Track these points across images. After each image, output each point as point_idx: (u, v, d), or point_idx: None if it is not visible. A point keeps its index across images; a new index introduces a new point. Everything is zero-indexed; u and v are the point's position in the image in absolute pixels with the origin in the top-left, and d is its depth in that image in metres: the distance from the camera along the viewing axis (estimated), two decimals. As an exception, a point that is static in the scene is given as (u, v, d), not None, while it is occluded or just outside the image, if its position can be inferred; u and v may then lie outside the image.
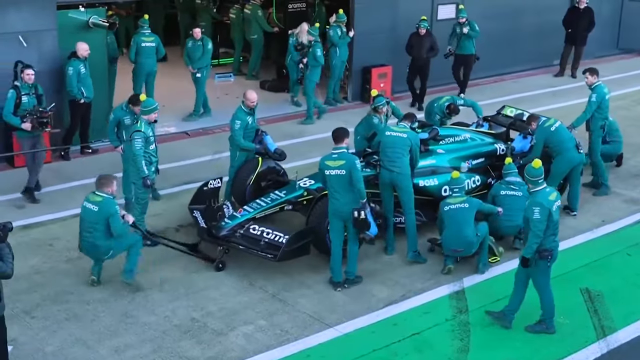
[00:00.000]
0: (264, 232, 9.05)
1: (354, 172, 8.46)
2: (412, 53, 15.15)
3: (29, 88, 10.75)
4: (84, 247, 8.55)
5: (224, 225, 9.19)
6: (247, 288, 8.78)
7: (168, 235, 9.82)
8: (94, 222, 8.37)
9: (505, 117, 12.00)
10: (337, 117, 14.54)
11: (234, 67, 17.57)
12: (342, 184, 8.52)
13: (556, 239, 7.83)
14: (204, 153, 12.58)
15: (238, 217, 9.30)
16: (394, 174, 9.26)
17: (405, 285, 8.93)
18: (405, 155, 9.32)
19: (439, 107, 12.13)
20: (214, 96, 15.92)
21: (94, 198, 8.44)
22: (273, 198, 9.59)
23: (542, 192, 7.79)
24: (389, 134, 9.48)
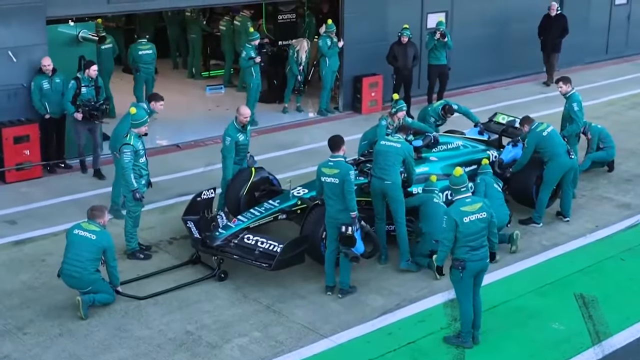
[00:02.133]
0: (258, 242, 9.04)
1: (346, 184, 8.47)
2: (396, 63, 15.15)
3: (89, 80, 11.63)
4: (66, 275, 8.27)
5: (218, 235, 9.18)
6: (241, 300, 8.76)
7: (162, 248, 9.80)
8: (88, 250, 8.21)
9: (497, 124, 12.04)
10: (328, 128, 14.55)
11: (225, 78, 17.59)
12: (335, 192, 8.54)
13: (474, 251, 7.59)
14: (196, 165, 12.56)
15: (232, 227, 9.29)
16: (384, 183, 9.27)
17: (400, 294, 8.93)
18: (396, 165, 9.32)
19: (434, 110, 12.10)
20: (205, 108, 15.95)
21: (90, 227, 8.32)
22: (267, 207, 9.59)
23: (459, 201, 7.66)
24: (383, 143, 9.51)
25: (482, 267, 7.80)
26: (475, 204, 7.73)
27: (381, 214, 9.45)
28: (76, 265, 8.22)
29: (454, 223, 7.60)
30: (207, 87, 17.14)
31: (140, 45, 14.71)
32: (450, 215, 7.64)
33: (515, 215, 10.50)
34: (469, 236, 7.63)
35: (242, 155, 10.28)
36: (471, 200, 7.75)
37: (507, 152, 11.04)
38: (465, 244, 7.64)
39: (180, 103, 15.79)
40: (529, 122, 10.65)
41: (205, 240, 9.20)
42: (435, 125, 11.99)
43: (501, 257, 9.64)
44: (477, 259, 7.70)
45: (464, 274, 7.67)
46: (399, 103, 10.86)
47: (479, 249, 7.69)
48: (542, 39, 17.56)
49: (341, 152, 8.67)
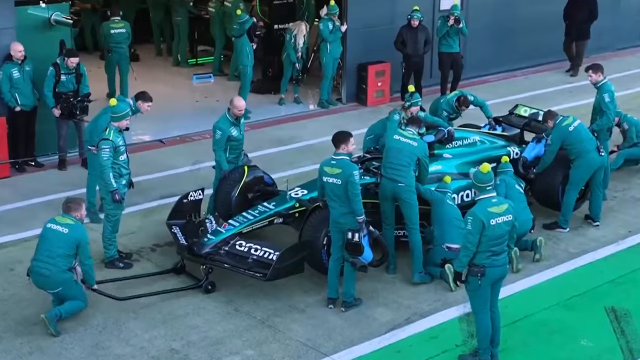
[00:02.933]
0: (251, 249, 9.03)
1: (350, 185, 8.43)
2: (406, 49, 15.15)
3: (69, 68, 11.70)
4: (35, 273, 8.26)
5: (207, 241, 9.17)
6: (232, 314, 8.75)
7: (143, 256, 9.79)
8: (59, 245, 8.23)
9: (518, 117, 12.02)
10: (329, 122, 14.56)
11: (214, 66, 17.59)
12: (338, 194, 8.52)
13: (495, 256, 7.59)
14: (182, 163, 12.56)
15: (222, 232, 9.28)
16: (396, 185, 9.20)
17: (410, 307, 8.92)
18: (411, 166, 9.27)
19: (447, 103, 12.08)
20: (192, 99, 15.95)
21: (64, 220, 8.34)
22: (261, 210, 9.58)
23: (485, 201, 7.64)
24: (398, 139, 9.40)
25: (502, 274, 7.79)
26: (502, 205, 7.71)
27: (390, 219, 9.43)
28: (46, 262, 8.21)
29: (480, 225, 7.54)
30: (195, 76, 17.14)
31: (112, 24, 14.83)
32: (477, 216, 7.58)
33: (538, 220, 10.49)
34: (493, 240, 7.59)
35: (237, 152, 10.25)
36: (497, 201, 7.73)
37: (530, 149, 11.01)
38: (488, 249, 7.59)
39: (165, 94, 15.76)
40: (553, 116, 10.64)
41: (193, 247, 9.19)
42: (448, 119, 11.98)
43: (523, 266, 9.65)
44: (498, 264, 7.69)
45: (482, 282, 7.65)
46: (414, 96, 10.81)
47: (500, 255, 7.68)
48: (567, 23, 17.53)
49: (345, 149, 8.63)
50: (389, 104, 15.54)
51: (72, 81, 11.84)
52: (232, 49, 16.89)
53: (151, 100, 10.39)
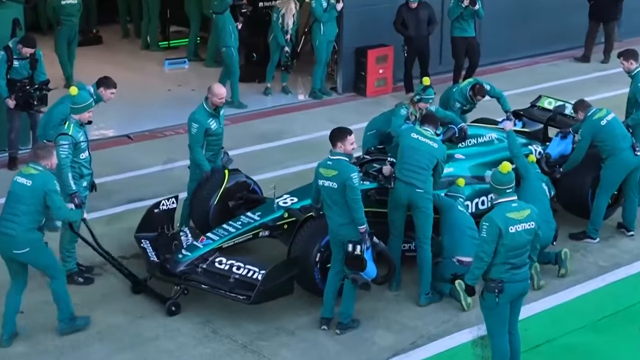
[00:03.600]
0: (233, 267, 9.04)
1: (348, 190, 8.41)
2: (407, 32, 15.22)
3: None
4: (2, 242, 8.34)
5: (181, 258, 9.18)
6: (209, 337, 8.76)
7: (107, 270, 9.80)
8: (23, 201, 8.25)
9: (541, 110, 12.07)
10: (323, 114, 14.60)
11: (189, 50, 17.62)
12: (335, 200, 8.53)
13: (515, 270, 7.62)
14: (152, 162, 12.57)
15: (199, 247, 9.29)
16: (414, 190, 9.19)
17: (416, 330, 8.95)
18: (429, 170, 9.30)
19: (460, 92, 12.09)
20: (164, 88, 15.96)
21: (28, 171, 8.36)
22: (244, 222, 9.58)
23: (503, 205, 7.67)
24: (416, 137, 9.40)
25: (522, 291, 7.82)
26: (523, 210, 7.71)
27: (399, 229, 9.45)
28: (11, 220, 8.28)
29: (497, 232, 7.55)
30: (167, 61, 17.16)
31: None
32: (494, 221, 7.59)
33: (563, 228, 10.54)
34: (512, 250, 7.60)
35: (215, 149, 10.25)
36: (518, 206, 7.74)
37: (554, 145, 11.05)
38: (506, 261, 7.61)
39: (132, 81, 15.77)
40: (584, 107, 10.67)
41: (165, 264, 9.20)
42: (461, 111, 12.02)
43: (546, 282, 9.69)
44: (518, 279, 7.69)
45: (500, 299, 7.66)
46: (428, 92, 10.78)
47: (520, 268, 7.69)
48: (591, 3, 17.58)
49: (342, 148, 8.63)
50: (392, 94, 15.60)
51: (26, 67, 11.87)
52: (209, 30, 16.95)
53: (115, 86, 10.40)
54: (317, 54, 15.32)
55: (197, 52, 17.56)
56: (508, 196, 7.73)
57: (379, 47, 15.72)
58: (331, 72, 16.20)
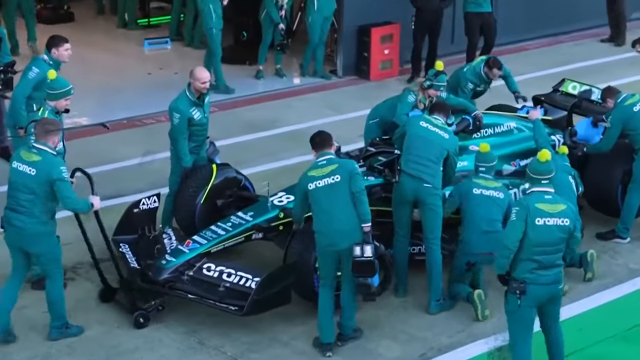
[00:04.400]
0: (223, 274, 9.03)
1: (354, 180, 8.39)
2: (417, 2, 15.27)
3: None
4: (10, 224, 8.45)
5: (165, 264, 9.15)
6: (195, 348, 8.77)
7: (81, 275, 9.81)
8: (29, 191, 8.31)
9: (565, 95, 12.07)
10: (322, 100, 14.62)
11: (171, 29, 17.65)
12: (338, 197, 8.40)
13: (541, 270, 7.66)
14: (130, 154, 12.58)
15: (185, 252, 9.27)
16: (421, 185, 9.22)
17: (426, 341, 8.95)
18: (439, 163, 9.34)
19: (472, 71, 12.14)
20: (143, 71, 15.96)
21: (30, 157, 8.39)
22: (235, 223, 9.57)
23: (535, 195, 7.77)
24: (425, 126, 9.44)
25: (550, 295, 7.82)
26: (557, 204, 7.74)
27: (405, 227, 9.46)
28: (19, 212, 8.37)
29: (524, 216, 7.62)
30: (146, 41, 17.16)
31: None
32: (524, 205, 7.70)
33: (590, 227, 10.53)
34: (538, 246, 7.64)
35: (199, 140, 10.24)
36: (552, 199, 7.78)
37: (584, 126, 11.06)
38: (530, 257, 7.65)
39: (108, 64, 15.81)
40: (614, 94, 10.69)
41: (147, 271, 9.19)
42: (473, 93, 12.02)
43: (570, 287, 9.70)
44: (544, 282, 7.71)
45: (522, 302, 7.68)
46: (439, 78, 10.76)
47: (549, 269, 7.72)
48: None
49: (331, 149, 8.65)
50: (399, 77, 15.61)
51: None
52: (195, 6, 16.94)
53: (66, 41, 10.45)
54: (310, 32, 15.34)
55: (180, 31, 17.57)
56: (542, 187, 7.79)
57: (384, 25, 15.74)
58: (330, 54, 16.22)
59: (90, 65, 15.67)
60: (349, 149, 10.75)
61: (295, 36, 16.35)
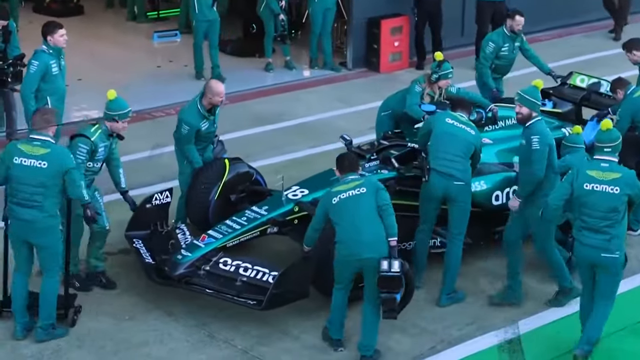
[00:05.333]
0: (240, 268, 8.98)
1: (381, 193, 8.32)
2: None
3: None
4: (16, 219, 8.40)
5: (181, 259, 9.09)
6: (205, 341, 8.76)
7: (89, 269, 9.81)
8: (41, 185, 8.24)
9: (573, 88, 12.03)
10: (332, 92, 14.59)
11: (181, 22, 17.61)
12: (364, 208, 8.29)
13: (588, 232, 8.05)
14: (139, 147, 12.57)
15: (201, 246, 9.22)
16: (451, 182, 9.23)
17: (436, 333, 8.94)
18: (467, 158, 9.37)
19: (492, 36, 12.30)
20: (152, 64, 15.95)
21: (36, 151, 8.31)
22: (250, 217, 9.53)
23: (593, 162, 8.24)
24: (452, 123, 9.43)
25: (594, 260, 8.15)
26: (611, 172, 8.13)
27: (430, 222, 9.47)
28: (29, 207, 8.31)
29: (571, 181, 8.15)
30: (155, 34, 17.15)
31: None
32: (574, 171, 8.22)
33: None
34: (584, 207, 8.10)
35: (204, 144, 10.14)
36: (608, 167, 8.17)
37: (590, 130, 11.01)
38: (579, 216, 8.17)
39: (117, 57, 15.80)
40: (623, 85, 10.68)
41: (162, 267, 9.15)
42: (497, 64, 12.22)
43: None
44: (588, 243, 8.10)
45: (574, 259, 8.23)
46: (443, 67, 10.78)
47: (594, 232, 8.07)
48: None
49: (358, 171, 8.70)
50: (409, 69, 15.58)
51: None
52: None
53: (61, 26, 10.43)
54: (311, 22, 15.38)
55: (190, 24, 17.49)
56: (604, 155, 8.21)
57: (394, 17, 15.72)
58: (340, 46, 16.17)
59: (100, 59, 15.68)
60: (359, 142, 10.73)
61: (305, 28, 16.30)
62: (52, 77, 10.41)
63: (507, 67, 12.52)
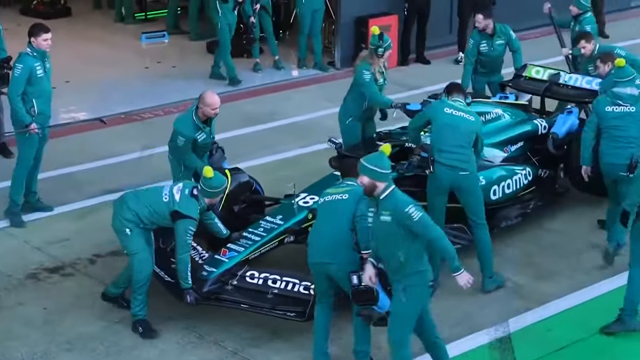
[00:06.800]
0: (268, 280, 8.82)
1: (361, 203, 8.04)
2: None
3: None
4: None
5: (206, 275, 8.87)
6: (195, 343, 8.74)
7: (80, 270, 9.77)
8: None
9: (530, 81, 12.04)
10: (321, 92, 14.58)
11: (169, 22, 17.59)
12: (336, 214, 8.15)
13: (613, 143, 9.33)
14: (128, 148, 12.54)
15: (224, 261, 9.02)
16: (457, 173, 9.27)
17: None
18: (470, 147, 9.39)
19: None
20: (141, 65, 15.92)
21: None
22: (267, 227, 9.36)
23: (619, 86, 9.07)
24: (450, 112, 9.44)
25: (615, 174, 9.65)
26: None
27: (441, 214, 9.40)
28: None
29: None
30: (144, 35, 17.11)
31: None
32: None
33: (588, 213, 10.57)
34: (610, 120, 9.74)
35: (201, 154, 9.95)
36: None
37: (560, 124, 11.02)
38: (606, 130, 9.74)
39: (105, 58, 15.75)
40: (611, 59, 10.66)
41: None
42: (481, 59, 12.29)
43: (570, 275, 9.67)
44: (614, 152, 9.74)
45: None
46: (385, 39, 10.83)
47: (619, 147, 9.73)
48: None
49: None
50: (397, 68, 15.55)
51: None
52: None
53: (46, 30, 10.35)
54: (300, 24, 15.41)
55: (178, 24, 17.54)
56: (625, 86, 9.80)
57: (382, 16, 15.69)
58: (328, 45, 16.15)
59: (88, 60, 15.64)
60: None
61: (293, 28, 16.29)
62: (37, 80, 10.33)
63: (493, 64, 12.52)
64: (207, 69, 15.11)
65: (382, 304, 8.00)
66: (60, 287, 9.55)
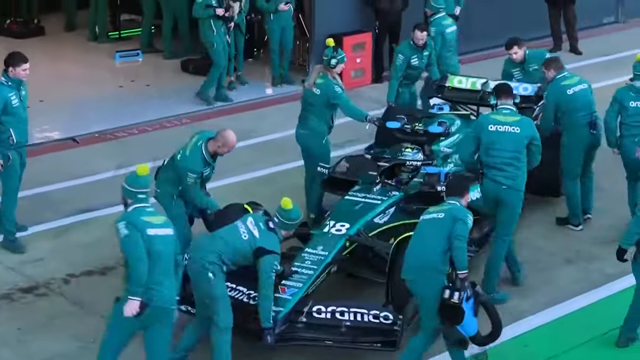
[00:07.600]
0: (335, 313, 8.65)
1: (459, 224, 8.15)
2: (380, 4, 15.40)
3: None
4: None
5: (276, 316, 8.52)
6: None
7: (54, 290, 9.70)
8: None
9: (455, 90, 12.13)
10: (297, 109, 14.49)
11: (143, 41, 17.54)
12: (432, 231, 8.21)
13: None
14: (102, 167, 12.47)
15: (288, 298, 8.77)
16: (500, 187, 9.40)
17: (402, 348, 8.88)
18: (519, 159, 9.45)
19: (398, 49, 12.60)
20: (114, 84, 15.88)
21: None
22: (314, 260, 9.18)
23: None
24: (495, 129, 9.49)
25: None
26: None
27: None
28: None
29: None
30: (117, 54, 17.06)
31: None
32: None
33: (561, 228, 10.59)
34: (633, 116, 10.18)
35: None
36: None
37: None
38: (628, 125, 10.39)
39: (79, 77, 15.70)
40: (557, 65, 10.82)
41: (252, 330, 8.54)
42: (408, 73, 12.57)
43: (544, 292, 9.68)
44: None
45: None
46: (339, 52, 11.02)
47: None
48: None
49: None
50: (372, 85, 15.59)
51: None
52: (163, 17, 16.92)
53: (25, 60, 10.15)
54: (270, 41, 15.53)
55: (152, 43, 17.49)
56: None
57: (356, 34, 15.72)
58: (302, 63, 16.17)
59: (61, 79, 15.57)
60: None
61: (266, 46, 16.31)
62: (12, 109, 10.05)
63: (417, 76, 12.87)
64: (181, 88, 15.09)
65: (467, 328, 7.98)
66: (34, 307, 9.48)
